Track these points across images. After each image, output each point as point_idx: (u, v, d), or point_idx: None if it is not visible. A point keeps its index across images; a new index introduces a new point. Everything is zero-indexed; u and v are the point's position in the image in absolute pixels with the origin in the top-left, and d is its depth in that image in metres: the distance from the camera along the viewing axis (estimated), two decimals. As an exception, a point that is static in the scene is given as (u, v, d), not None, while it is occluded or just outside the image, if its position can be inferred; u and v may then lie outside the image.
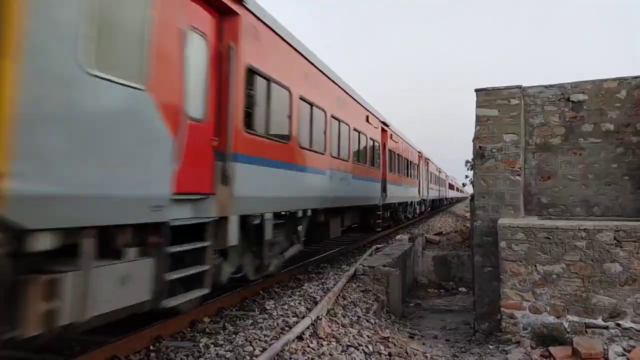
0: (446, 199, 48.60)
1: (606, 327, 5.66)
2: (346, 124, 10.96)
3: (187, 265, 5.03)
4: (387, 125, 16.02)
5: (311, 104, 8.65)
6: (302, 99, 8.19)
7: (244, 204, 6.09)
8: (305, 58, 8.43)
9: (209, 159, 5.52)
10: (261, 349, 4.64)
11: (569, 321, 5.81)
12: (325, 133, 9.43)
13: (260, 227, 6.70)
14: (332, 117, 9.88)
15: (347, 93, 11.14)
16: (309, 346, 4.95)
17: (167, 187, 4.54)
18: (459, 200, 68.65)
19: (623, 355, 5.33)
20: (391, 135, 16.88)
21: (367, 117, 13.40)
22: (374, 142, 14.19)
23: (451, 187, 59.42)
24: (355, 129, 11.79)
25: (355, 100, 12.08)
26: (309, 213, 8.52)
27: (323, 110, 9.31)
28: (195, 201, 5.21)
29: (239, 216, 5.94)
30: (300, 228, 8.34)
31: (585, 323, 5.75)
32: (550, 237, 5.94)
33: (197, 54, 5.21)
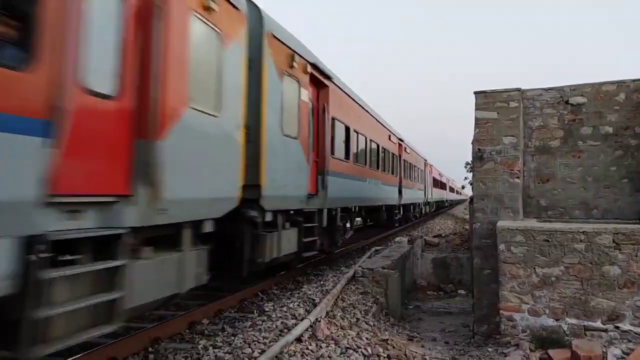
0: (446, 201, 49.06)
1: (605, 330, 5.66)
2: (376, 143, 14.66)
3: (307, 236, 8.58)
4: (402, 140, 20.17)
5: (359, 133, 12.20)
6: (355, 131, 11.80)
7: (330, 201, 9.53)
8: (357, 103, 12.12)
9: (315, 174, 9.06)
10: (260, 351, 4.63)
11: (568, 324, 5.81)
12: (365, 151, 12.99)
13: (335, 217, 10.34)
14: (370, 140, 13.57)
15: (377, 120, 14.97)
16: (307, 348, 4.95)
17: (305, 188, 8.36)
18: (458, 202, 68.76)
19: (622, 357, 5.33)
20: (405, 148, 20.98)
21: (389, 136, 17.53)
22: (392, 155, 18.10)
23: (451, 189, 59.64)
24: (382, 146, 15.46)
25: (382, 124, 15.99)
26: (356, 209, 12.24)
27: (364, 135, 12.73)
28: (312, 197, 8.60)
29: (327, 209, 9.47)
30: (351, 219, 11.96)
31: (584, 326, 5.75)
32: (549, 240, 5.95)
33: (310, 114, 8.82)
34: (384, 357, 5.40)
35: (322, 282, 8.09)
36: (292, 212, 7.90)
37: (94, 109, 3.78)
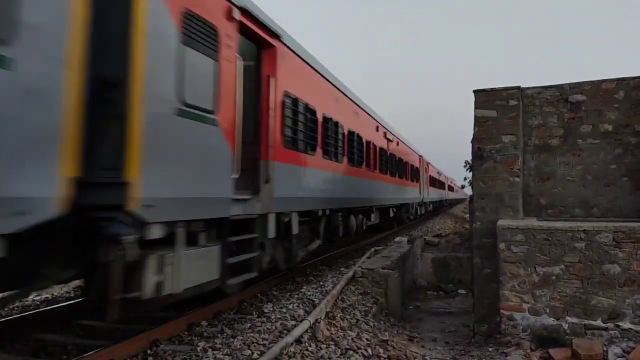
0: (445, 200, 49.13)
1: (605, 329, 5.63)
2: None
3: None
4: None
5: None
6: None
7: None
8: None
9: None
10: (259, 352, 4.61)
11: (569, 323, 5.79)
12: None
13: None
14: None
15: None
16: (307, 349, 4.92)
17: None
18: (458, 201, 68.79)
19: (623, 356, 5.31)
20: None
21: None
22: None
23: (450, 188, 59.68)
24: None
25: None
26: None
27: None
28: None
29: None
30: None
31: (584, 324, 5.72)
32: (550, 239, 5.93)
33: None
34: (384, 358, 5.37)
35: (321, 283, 8.07)
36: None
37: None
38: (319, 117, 9.61)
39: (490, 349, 5.98)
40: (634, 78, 7.30)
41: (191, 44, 5.18)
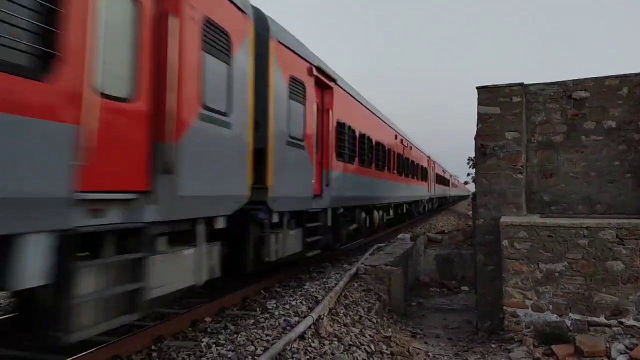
0: (449, 197, 49.33)
1: (608, 325, 5.64)
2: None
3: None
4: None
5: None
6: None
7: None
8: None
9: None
10: (263, 348, 4.63)
11: (572, 319, 5.79)
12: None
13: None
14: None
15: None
16: (310, 345, 4.95)
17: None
18: (461, 198, 68.73)
19: (625, 353, 5.32)
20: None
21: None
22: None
23: (454, 185, 59.69)
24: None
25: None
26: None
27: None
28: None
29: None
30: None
31: (587, 321, 5.73)
32: (553, 235, 5.93)
33: None
34: (387, 354, 5.40)
35: (324, 280, 8.09)
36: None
37: None
38: (357, 134, 12.23)
39: (493, 346, 5.99)
40: (637, 74, 7.27)
41: (292, 96, 7.81)
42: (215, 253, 5.78)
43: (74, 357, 4.46)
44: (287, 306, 6.20)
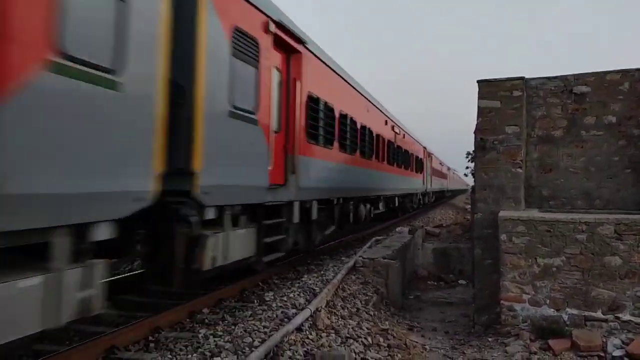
0: (447, 190, 49.27)
1: (605, 320, 5.65)
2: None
3: None
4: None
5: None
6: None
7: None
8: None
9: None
10: (260, 340, 4.63)
11: (569, 314, 5.81)
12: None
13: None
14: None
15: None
16: (308, 337, 4.95)
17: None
18: (459, 191, 68.84)
19: (621, 347, 5.33)
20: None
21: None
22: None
23: (452, 179, 59.75)
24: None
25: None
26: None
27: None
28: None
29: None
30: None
31: (584, 316, 5.75)
32: (551, 230, 5.92)
33: None
34: (384, 347, 5.41)
35: (322, 272, 8.09)
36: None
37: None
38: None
39: (489, 339, 6.01)
40: (638, 70, 7.24)
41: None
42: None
43: (73, 346, 4.46)
44: (285, 298, 6.21)
